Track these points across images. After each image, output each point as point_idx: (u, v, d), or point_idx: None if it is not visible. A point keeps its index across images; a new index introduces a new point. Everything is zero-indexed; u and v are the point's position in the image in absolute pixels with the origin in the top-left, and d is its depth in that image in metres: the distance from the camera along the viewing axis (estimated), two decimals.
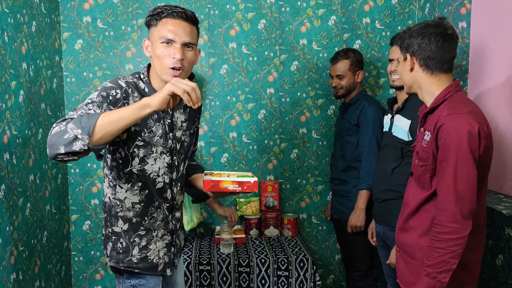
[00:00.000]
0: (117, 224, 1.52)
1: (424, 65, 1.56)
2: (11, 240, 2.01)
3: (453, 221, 1.40)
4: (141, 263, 1.54)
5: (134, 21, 2.81)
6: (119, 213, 1.52)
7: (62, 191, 2.75)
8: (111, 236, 1.53)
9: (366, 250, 2.48)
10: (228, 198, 2.96)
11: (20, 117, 2.14)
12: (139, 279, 1.55)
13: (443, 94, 1.52)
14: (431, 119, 1.54)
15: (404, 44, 1.60)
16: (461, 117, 1.41)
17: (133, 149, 1.47)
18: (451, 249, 1.40)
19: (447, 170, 1.42)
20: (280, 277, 2.42)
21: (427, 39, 1.54)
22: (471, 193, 1.41)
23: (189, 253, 2.53)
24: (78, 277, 2.92)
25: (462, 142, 1.39)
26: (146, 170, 1.50)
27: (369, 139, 2.40)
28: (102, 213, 1.55)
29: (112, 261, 1.54)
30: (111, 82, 1.44)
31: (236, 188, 1.44)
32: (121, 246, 1.53)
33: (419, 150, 1.57)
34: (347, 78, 2.52)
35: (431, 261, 1.43)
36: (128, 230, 1.52)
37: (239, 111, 2.91)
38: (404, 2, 2.88)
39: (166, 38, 1.43)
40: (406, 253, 1.63)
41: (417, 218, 1.58)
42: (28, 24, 2.27)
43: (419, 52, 1.55)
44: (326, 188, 2.97)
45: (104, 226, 1.56)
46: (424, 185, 1.54)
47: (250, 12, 2.86)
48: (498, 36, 2.13)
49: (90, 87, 2.82)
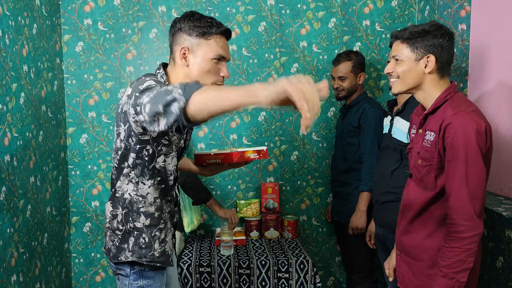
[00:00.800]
0: (139, 220, 1.52)
1: (441, 67, 1.53)
2: (12, 242, 2.01)
3: (467, 218, 1.39)
4: (162, 257, 1.54)
5: (135, 23, 2.82)
6: (141, 209, 1.52)
7: (62, 193, 2.75)
8: (133, 231, 1.52)
9: (366, 252, 2.48)
10: (228, 200, 2.96)
11: (21, 119, 2.15)
12: (147, 279, 1.54)
13: (443, 95, 1.53)
14: (432, 120, 1.53)
15: (423, 43, 1.51)
16: (467, 115, 1.42)
17: (161, 147, 1.49)
18: (467, 247, 1.39)
19: (458, 168, 1.41)
20: (280, 279, 2.41)
21: (450, 42, 1.51)
22: (482, 190, 1.41)
23: (189, 255, 2.53)
24: (79, 279, 2.92)
25: (470, 140, 1.39)
26: (166, 167, 1.53)
27: (370, 141, 2.40)
28: (118, 210, 1.53)
29: (134, 256, 1.51)
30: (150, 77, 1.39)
31: (255, 156, 1.59)
32: (143, 241, 1.52)
33: (420, 150, 1.55)
34: (349, 79, 2.53)
35: (447, 261, 1.41)
36: (150, 225, 1.52)
37: (239, 113, 2.91)
38: (403, 4, 2.89)
39: (219, 55, 1.48)
40: (408, 255, 1.61)
41: (422, 219, 1.56)
42: (29, 26, 2.28)
43: (441, 54, 1.51)
44: (326, 190, 2.98)
45: (123, 222, 1.53)
46: (427, 186, 1.53)
47: (250, 14, 2.87)
48: (498, 38, 2.14)
49: (90, 89, 2.83)
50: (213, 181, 2.94)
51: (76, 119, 2.84)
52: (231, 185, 2.95)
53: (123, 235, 1.54)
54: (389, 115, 2.23)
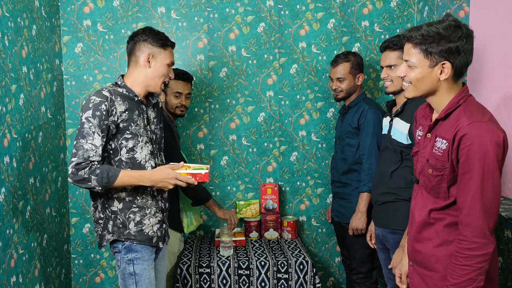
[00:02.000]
0: (113, 204, 1.83)
1: (459, 72, 1.41)
2: (11, 243, 2.01)
3: (481, 236, 1.32)
4: (138, 236, 1.85)
5: (134, 24, 2.82)
6: (114, 195, 1.82)
7: (62, 194, 2.75)
8: (111, 215, 1.83)
9: (366, 253, 2.48)
10: (227, 201, 2.96)
11: (20, 120, 2.15)
12: (135, 253, 1.84)
13: (456, 100, 1.43)
14: (444, 126, 1.45)
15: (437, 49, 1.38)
16: (484, 126, 1.33)
17: (121, 141, 1.80)
18: (478, 266, 1.32)
19: (472, 182, 1.32)
20: (280, 280, 2.42)
21: (468, 43, 1.38)
22: (497, 206, 1.34)
23: (189, 255, 2.53)
24: (78, 280, 2.92)
25: (488, 153, 1.30)
26: (136, 158, 1.83)
27: (370, 142, 2.40)
28: (97, 200, 1.85)
29: (114, 235, 1.83)
30: (97, 95, 1.75)
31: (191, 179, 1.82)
32: (119, 222, 1.83)
33: (430, 158, 1.46)
34: (348, 81, 2.52)
35: (457, 279, 1.35)
36: (123, 208, 1.83)
37: (238, 114, 2.92)
38: (402, 5, 2.90)
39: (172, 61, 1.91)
40: (421, 265, 1.53)
41: (432, 228, 1.48)
42: (29, 27, 2.28)
43: (459, 59, 1.38)
44: (326, 190, 2.98)
45: (102, 210, 1.85)
46: (439, 195, 1.45)
47: (249, 15, 2.87)
48: (497, 39, 2.14)
49: (90, 90, 2.83)
50: (213, 182, 2.94)
51: (75, 120, 2.84)
52: (230, 186, 2.96)
53: (104, 223, 1.85)
54: (388, 115, 2.23)
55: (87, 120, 1.71)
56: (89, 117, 1.71)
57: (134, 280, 1.85)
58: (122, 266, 1.86)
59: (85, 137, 1.71)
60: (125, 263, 1.86)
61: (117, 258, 1.87)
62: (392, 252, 2.06)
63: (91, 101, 1.73)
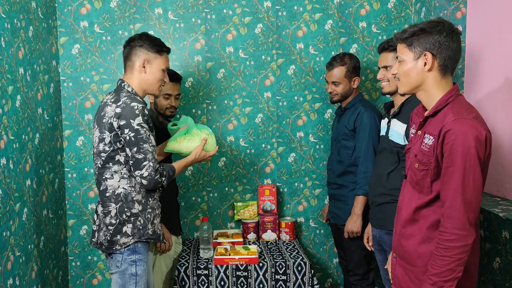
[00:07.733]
0: (134, 207, 1.88)
1: (443, 65, 1.48)
2: (8, 245, 2.00)
3: (461, 228, 1.38)
4: (153, 235, 1.94)
5: (131, 25, 2.81)
6: (134, 197, 1.88)
7: (59, 196, 2.74)
8: (130, 218, 1.87)
9: (363, 255, 2.48)
10: (225, 202, 2.95)
11: (17, 122, 2.14)
12: (139, 254, 1.90)
13: (445, 97, 1.49)
14: (432, 123, 1.51)
15: (419, 42, 1.48)
16: (468, 123, 1.39)
17: None
18: (457, 257, 1.38)
19: (454, 176, 1.39)
20: (278, 281, 2.41)
21: (449, 37, 1.46)
22: (478, 200, 1.40)
23: (187, 257, 2.52)
24: (75, 282, 2.91)
25: (470, 148, 1.36)
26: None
27: (366, 144, 2.39)
28: (110, 206, 1.87)
29: (135, 237, 1.88)
30: (135, 101, 1.85)
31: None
32: (140, 223, 1.89)
33: (418, 153, 1.53)
34: (343, 84, 2.50)
35: (437, 270, 1.41)
36: (142, 210, 1.90)
37: (236, 115, 2.91)
38: (400, 6, 2.90)
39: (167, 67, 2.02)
40: (404, 259, 1.60)
41: (416, 224, 1.55)
42: (25, 29, 2.27)
43: (440, 50, 1.47)
44: (324, 191, 2.98)
45: (117, 215, 1.86)
46: (423, 190, 1.52)
47: (247, 16, 2.87)
48: (494, 40, 2.15)
49: (87, 92, 2.82)
50: (211, 183, 2.93)
51: (72, 121, 2.83)
52: (228, 187, 2.95)
53: (115, 229, 1.87)
54: (386, 117, 2.23)
55: (141, 126, 1.82)
56: (141, 123, 1.83)
57: (134, 281, 1.89)
58: (123, 267, 1.88)
59: (146, 142, 1.83)
60: (127, 264, 1.88)
61: (117, 259, 1.88)
62: (389, 253, 2.05)
63: (134, 108, 1.82)
